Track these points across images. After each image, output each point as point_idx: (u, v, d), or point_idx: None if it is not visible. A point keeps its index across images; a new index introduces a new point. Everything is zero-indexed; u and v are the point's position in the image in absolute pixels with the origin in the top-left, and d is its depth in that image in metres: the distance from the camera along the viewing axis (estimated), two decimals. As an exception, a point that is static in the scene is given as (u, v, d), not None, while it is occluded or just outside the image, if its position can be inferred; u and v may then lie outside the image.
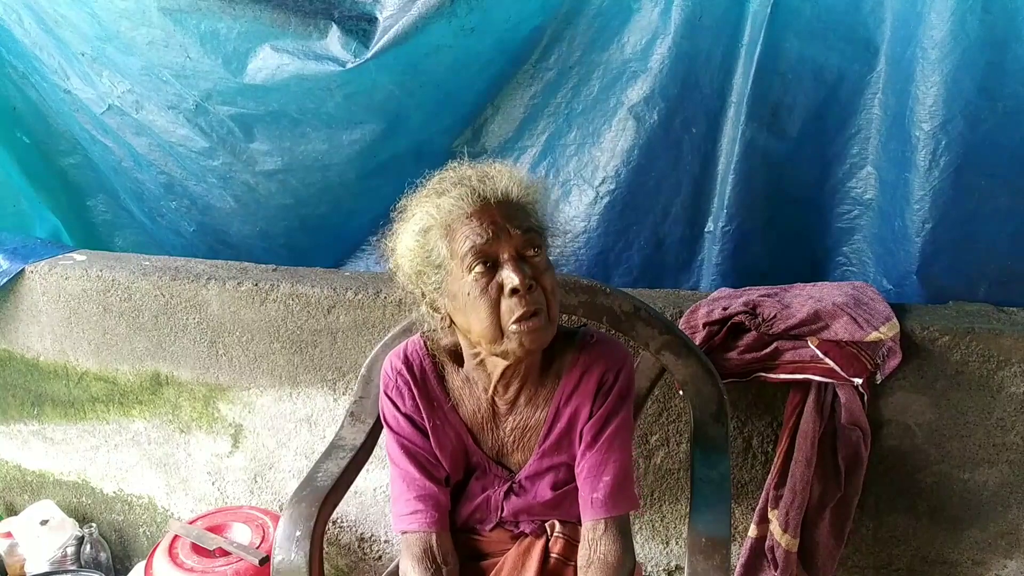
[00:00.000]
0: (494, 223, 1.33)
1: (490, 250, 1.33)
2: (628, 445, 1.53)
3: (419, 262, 1.40)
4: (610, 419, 1.49)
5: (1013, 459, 1.95)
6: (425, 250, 1.39)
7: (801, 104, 2.09)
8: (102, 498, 2.71)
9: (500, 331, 1.33)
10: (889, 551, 2.10)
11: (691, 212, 2.26)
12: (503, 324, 1.33)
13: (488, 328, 1.33)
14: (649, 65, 2.15)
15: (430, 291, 1.42)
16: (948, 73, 1.87)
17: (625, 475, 1.50)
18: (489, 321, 1.33)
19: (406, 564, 1.51)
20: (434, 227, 1.37)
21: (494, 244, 1.32)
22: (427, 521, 1.50)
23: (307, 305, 2.23)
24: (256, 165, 2.41)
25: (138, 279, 2.37)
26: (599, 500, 1.47)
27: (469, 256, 1.32)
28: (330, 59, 2.18)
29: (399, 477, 1.54)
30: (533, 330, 1.32)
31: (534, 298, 1.32)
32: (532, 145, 2.36)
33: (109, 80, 2.39)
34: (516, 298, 1.31)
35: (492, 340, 1.35)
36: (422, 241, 1.39)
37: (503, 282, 1.32)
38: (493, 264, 1.33)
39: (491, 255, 1.33)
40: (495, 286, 1.33)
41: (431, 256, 1.38)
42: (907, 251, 2.05)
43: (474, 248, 1.32)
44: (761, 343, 1.91)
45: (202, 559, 2.19)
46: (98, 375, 2.54)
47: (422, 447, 1.53)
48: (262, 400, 2.39)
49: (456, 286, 1.36)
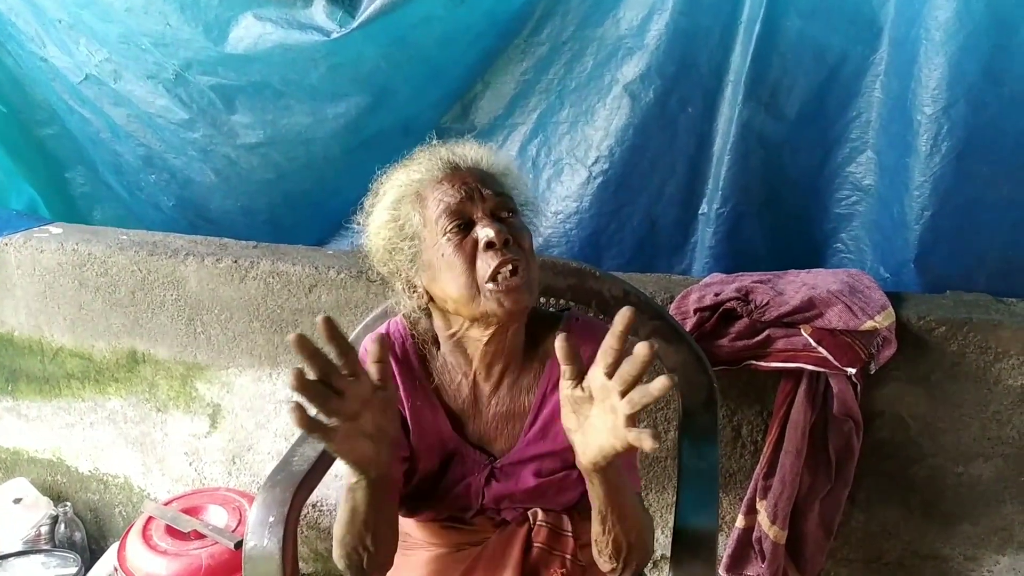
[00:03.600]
0: (465, 184, 1.33)
1: (463, 209, 1.31)
2: None
3: (392, 236, 1.37)
4: None
5: (1009, 453, 1.92)
6: (398, 223, 1.36)
7: (801, 85, 2.04)
8: (77, 477, 2.67)
9: (476, 289, 1.30)
10: (880, 544, 2.07)
11: (685, 193, 2.22)
12: (479, 282, 1.29)
13: (464, 287, 1.30)
14: (645, 42, 2.09)
15: (405, 267, 1.38)
16: (952, 55, 1.82)
17: (629, 457, 1.47)
18: (465, 278, 1.29)
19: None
20: (405, 197, 1.36)
21: (467, 204, 1.31)
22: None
23: (288, 283, 2.18)
24: (237, 138, 2.35)
25: (115, 253, 2.31)
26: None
27: (443, 218, 1.31)
28: (314, 28, 2.12)
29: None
30: (512, 288, 1.29)
31: (511, 251, 1.29)
32: (523, 123, 2.30)
33: (87, 48, 2.32)
34: (492, 251, 1.28)
35: (468, 300, 1.31)
36: (394, 213, 1.37)
37: (478, 237, 1.30)
38: (467, 224, 1.32)
39: (465, 214, 1.31)
40: (470, 242, 1.30)
41: (404, 228, 1.35)
42: (905, 238, 2.00)
43: (448, 208, 1.31)
44: (753, 330, 1.86)
45: (176, 541, 2.14)
46: (73, 351, 2.48)
47: None
48: (241, 380, 2.34)
49: (430, 253, 1.33)
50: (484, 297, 1.30)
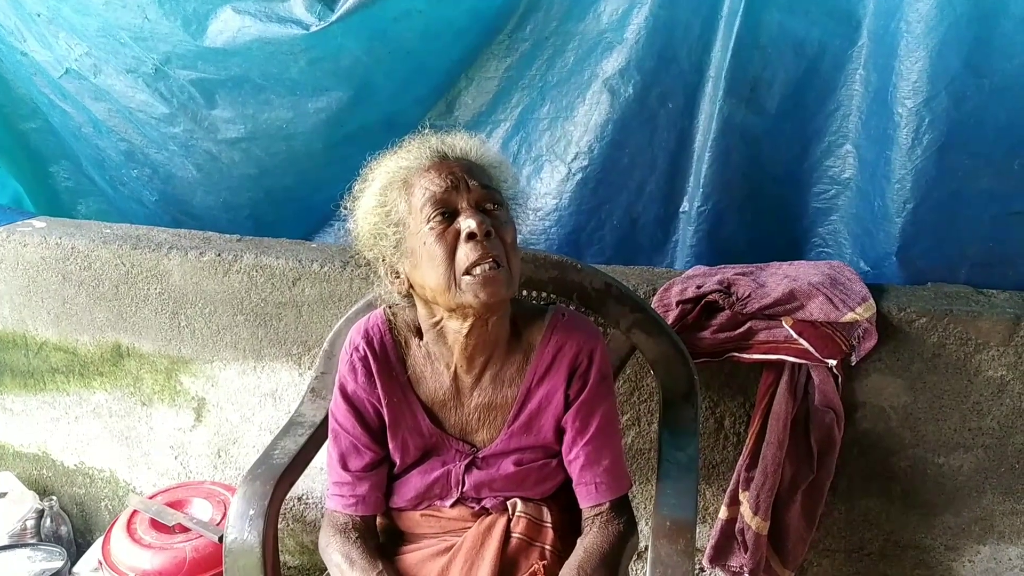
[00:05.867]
0: (452, 174, 1.33)
1: (448, 199, 1.32)
2: (618, 426, 1.55)
3: (378, 221, 1.39)
4: (598, 405, 1.48)
5: (989, 444, 1.93)
6: (384, 208, 1.37)
7: (781, 79, 2.03)
8: (63, 471, 2.66)
9: (454, 280, 1.31)
10: (861, 535, 2.08)
11: (666, 190, 2.20)
12: (457, 273, 1.30)
13: (441, 276, 1.31)
14: (625, 36, 2.07)
15: (389, 253, 1.39)
16: (933, 48, 1.82)
17: (620, 457, 1.51)
18: (444, 267, 1.30)
19: (326, 537, 1.52)
20: (393, 183, 1.37)
21: (452, 194, 1.32)
22: (342, 504, 1.51)
23: (272, 277, 2.18)
24: (218, 133, 2.33)
25: (98, 247, 2.30)
26: (602, 486, 1.47)
27: (428, 206, 1.32)
28: (294, 22, 2.10)
29: (328, 457, 1.56)
30: (489, 280, 1.29)
31: (492, 244, 1.30)
32: (505, 119, 2.29)
33: (66, 42, 2.29)
34: (472, 243, 1.29)
35: (445, 290, 1.32)
36: (381, 199, 1.38)
37: (460, 228, 1.30)
38: (451, 214, 1.32)
39: (449, 204, 1.32)
40: (452, 232, 1.31)
41: (390, 214, 1.37)
42: (887, 231, 2.00)
43: (433, 197, 1.32)
44: (735, 322, 1.87)
45: (161, 535, 2.15)
46: (58, 345, 2.47)
47: (350, 432, 1.51)
48: (225, 373, 2.33)
49: (414, 240, 1.34)
50: (460, 289, 1.30)
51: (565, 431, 1.49)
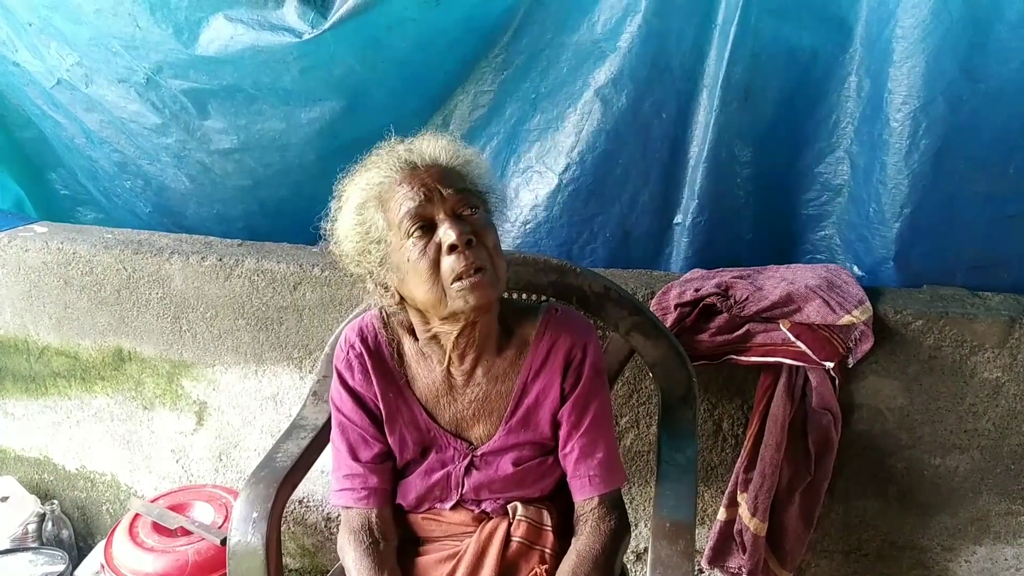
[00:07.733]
0: (424, 185, 1.33)
1: (425, 212, 1.32)
2: (612, 420, 1.57)
3: (360, 240, 1.39)
4: (592, 398, 1.49)
5: (985, 445, 1.94)
6: (364, 227, 1.38)
7: (775, 87, 2.01)
8: (64, 475, 2.67)
9: (443, 292, 1.32)
10: (858, 536, 2.09)
11: (660, 202, 2.17)
12: (444, 284, 1.32)
13: (430, 290, 1.32)
14: (618, 44, 2.05)
15: (376, 268, 1.40)
16: (929, 53, 1.82)
17: (614, 451, 1.52)
18: (431, 283, 1.32)
19: (343, 538, 1.52)
20: (368, 201, 1.37)
21: (428, 206, 1.32)
22: (354, 498, 1.51)
23: (273, 281, 2.19)
24: (211, 143, 2.30)
25: (100, 252, 2.31)
26: (596, 479, 1.48)
27: (405, 221, 1.32)
28: (286, 30, 2.08)
29: (333, 453, 1.56)
30: (477, 284, 1.31)
31: (475, 253, 1.31)
32: (499, 132, 2.26)
33: (57, 52, 2.26)
34: (455, 255, 1.30)
35: (436, 302, 1.33)
36: (359, 219, 1.38)
37: (441, 240, 1.31)
38: (430, 226, 1.33)
39: (426, 217, 1.33)
40: (433, 246, 1.32)
41: (370, 232, 1.37)
42: (883, 236, 2.00)
43: (409, 212, 1.32)
44: (733, 325, 1.88)
45: (163, 538, 2.16)
46: (59, 350, 2.48)
47: (358, 424, 1.52)
48: (227, 377, 2.34)
49: (397, 256, 1.35)
50: (450, 297, 1.32)
51: (560, 425, 1.50)
